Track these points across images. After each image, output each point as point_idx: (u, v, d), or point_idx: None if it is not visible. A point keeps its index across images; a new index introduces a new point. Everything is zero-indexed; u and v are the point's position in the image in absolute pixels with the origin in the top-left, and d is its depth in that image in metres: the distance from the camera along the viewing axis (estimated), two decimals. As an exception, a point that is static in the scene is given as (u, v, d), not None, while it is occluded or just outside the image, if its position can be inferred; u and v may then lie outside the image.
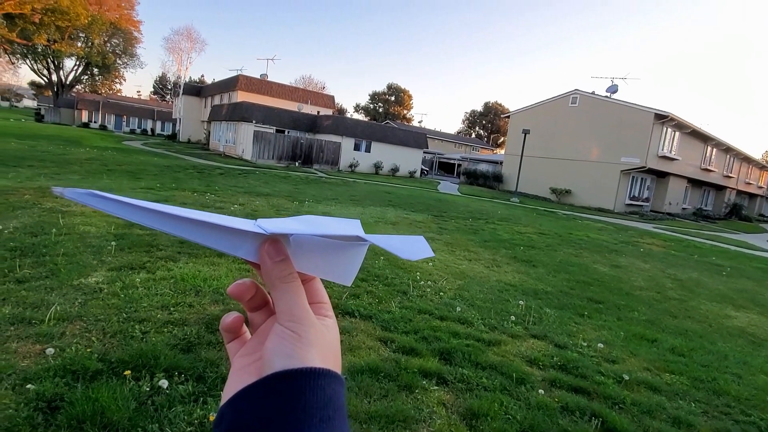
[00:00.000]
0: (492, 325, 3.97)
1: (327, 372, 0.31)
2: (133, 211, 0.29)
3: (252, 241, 0.33)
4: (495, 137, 74.83)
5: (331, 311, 0.38)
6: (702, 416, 2.80)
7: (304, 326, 0.32)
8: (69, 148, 17.66)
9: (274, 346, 0.31)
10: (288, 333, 0.32)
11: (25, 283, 3.27)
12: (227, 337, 0.38)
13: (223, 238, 0.32)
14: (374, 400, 2.39)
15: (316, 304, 0.37)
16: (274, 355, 0.31)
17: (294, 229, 0.33)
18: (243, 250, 0.33)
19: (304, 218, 0.37)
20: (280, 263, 0.33)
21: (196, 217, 0.30)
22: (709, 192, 32.81)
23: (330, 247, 0.35)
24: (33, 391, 2.00)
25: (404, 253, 0.32)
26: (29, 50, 38.37)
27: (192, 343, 2.73)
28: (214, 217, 0.31)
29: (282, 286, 0.33)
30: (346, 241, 0.36)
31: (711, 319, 5.41)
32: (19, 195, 6.69)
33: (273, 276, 0.33)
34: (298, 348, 0.31)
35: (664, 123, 22.77)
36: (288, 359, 0.30)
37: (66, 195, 0.28)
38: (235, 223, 0.31)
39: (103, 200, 0.29)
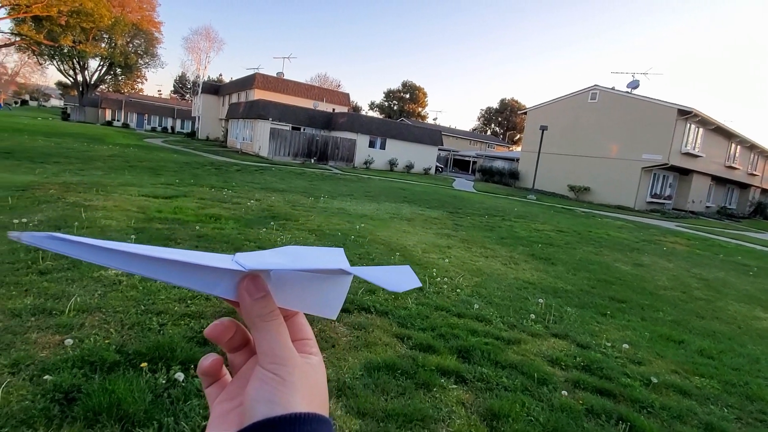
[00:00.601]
0: (511, 324, 3.87)
1: (313, 417, 0.29)
2: (99, 254, 0.27)
3: (230, 279, 0.31)
4: (511, 134, 73.79)
5: (316, 347, 0.36)
6: (735, 422, 2.66)
7: (287, 368, 0.30)
8: (93, 145, 18.11)
9: (256, 391, 0.29)
10: (270, 376, 0.30)
11: (47, 274, 3.32)
12: (206, 381, 0.35)
13: (199, 278, 0.30)
14: (391, 398, 2.33)
15: (300, 341, 0.34)
16: (255, 401, 0.29)
17: (274, 264, 0.32)
18: (220, 288, 0.31)
19: (284, 250, 0.36)
20: (261, 300, 0.31)
21: (169, 257, 0.28)
22: (734, 190, 31.69)
23: (313, 280, 0.34)
24: (50, 382, 2.01)
25: (390, 285, 0.31)
26: (56, 51, 39.49)
27: (208, 336, 2.71)
28: (188, 255, 0.29)
29: (263, 324, 0.31)
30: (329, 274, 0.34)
31: (740, 320, 5.18)
32: (45, 190, 6.86)
33: (253, 314, 0.31)
34: (281, 392, 0.29)
35: (688, 119, 22.04)
36: (271, 405, 0.28)
37: (23, 240, 0.26)
38: (212, 261, 0.30)
39: (64, 243, 0.27)
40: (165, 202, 7.29)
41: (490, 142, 57.92)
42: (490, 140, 59.26)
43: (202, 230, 5.50)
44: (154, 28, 45.68)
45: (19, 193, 6.34)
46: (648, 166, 22.58)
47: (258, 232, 5.85)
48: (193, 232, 5.36)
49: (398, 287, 0.32)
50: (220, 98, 40.46)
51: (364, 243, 6.18)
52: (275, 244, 5.37)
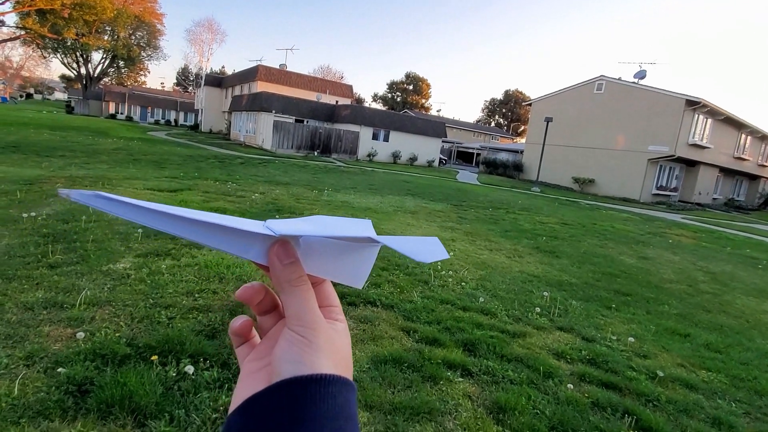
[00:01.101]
0: (516, 317, 3.88)
1: (338, 379, 0.30)
2: (139, 213, 0.28)
3: (261, 243, 0.32)
4: (515, 126, 73.26)
5: (342, 315, 0.37)
6: (744, 417, 2.66)
7: (314, 331, 0.31)
8: (97, 138, 18.16)
9: (283, 352, 0.30)
10: (297, 338, 0.31)
11: (57, 268, 3.36)
12: (236, 341, 0.37)
13: (232, 241, 0.30)
14: (398, 391, 2.35)
15: (326, 307, 0.36)
16: (283, 361, 0.30)
17: (304, 231, 0.32)
18: (252, 253, 0.32)
19: (313, 219, 0.36)
20: (290, 266, 0.32)
21: (205, 219, 0.29)
22: (742, 182, 31.38)
23: (341, 249, 0.34)
24: (64, 374, 2.04)
25: (418, 256, 0.31)
26: (59, 44, 39.48)
27: (216, 329, 2.74)
28: (222, 219, 0.30)
29: (291, 289, 0.32)
30: (357, 243, 0.34)
31: (748, 314, 5.16)
32: (52, 183, 6.90)
33: (282, 279, 0.32)
34: (308, 354, 0.30)
35: (696, 110, 21.76)
36: (297, 365, 0.29)
37: (72, 197, 0.28)
38: (244, 225, 0.30)
39: (109, 201, 0.28)
40: (170, 196, 7.33)
41: (494, 133, 57.54)
42: (494, 132, 58.87)
43: (208, 224, 5.52)
44: (156, 19, 45.50)
45: (27, 186, 6.39)
46: (654, 158, 22.37)
47: (263, 226, 5.87)
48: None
49: (425, 258, 0.32)
50: (223, 90, 40.36)
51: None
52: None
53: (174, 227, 0.29)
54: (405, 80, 74.01)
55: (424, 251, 0.32)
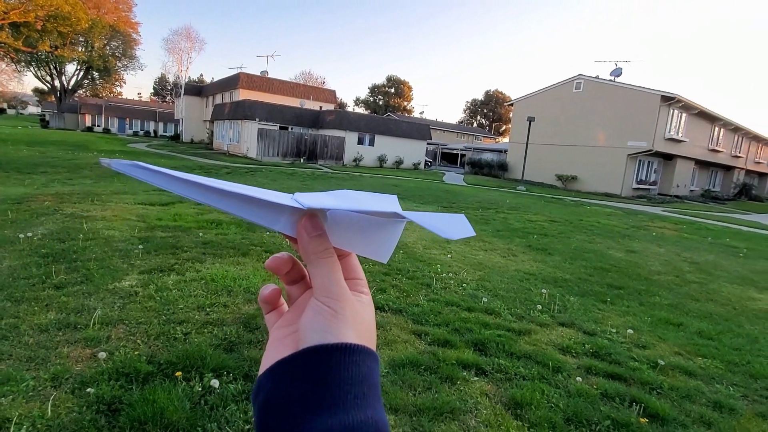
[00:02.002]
0: (519, 315, 4.00)
1: (362, 348, 0.30)
2: (175, 183, 0.29)
3: (289, 215, 0.33)
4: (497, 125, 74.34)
5: (367, 288, 0.37)
6: (742, 400, 2.82)
7: (339, 302, 0.32)
8: (77, 152, 17.78)
9: (310, 320, 0.31)
10: (324, 308, 0.31)
11: (63, 288, 3.33)
12: (265, 308, 0.38)
13: (262, 212, 0.32)
14: (419, 393, 2.43)
15: (352, 280, 0.36)
16: (309, 329, 0.31)
17: (331, 204, 0.33)
18: (281, 224, 0.33)
19: (340, 193, 0.37)
20: (317, 238, 0.33)
21: (237, 191, 0.30)
22: (717, 173, 32.52)
23: (367, 224, 0.35)
24: (93, 394, 2.06)
25: (445, 233, 0.31)
26: (33, 57, 38.45)
27: (233, 342, 2.77)
28: (253, 191, 0.31)
29: (318, 261, 0.33)
30: (383, 219, 0.35)
31: (734, 301, 5.40)
32: (39, 201, 6.77)
33: (309, 251, 0.33)
34: (334, 324, 0.31)
35: (671, 105, 22.52)
36: (323, 334, 0.30)
37: (113, 166, 0.29)
38: (274, 197, 0.31)
39: (147, 171, 0.29)
40: (163, 209, 7.26)
41: (477, 134, 58.26)
42: (477, 132, 59.62)
43: (206, 236, 5.51)
44: (131, 29, 44.69)
45: (15, 205, 6.26)
46: (633, 153, 23.04)
47: (261, 236, 5.88)
48: (197, 238, 5.37)
49: (452, 235, 0.31)
50: (204, 99, 39.90)
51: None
52: (281, 247, 5.42)
53: (208, 198, 0.30)
54: (386, 83, 74.39)
55: (451, 228, 0.32)
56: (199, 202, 0.30)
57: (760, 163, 37.54)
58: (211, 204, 0.30)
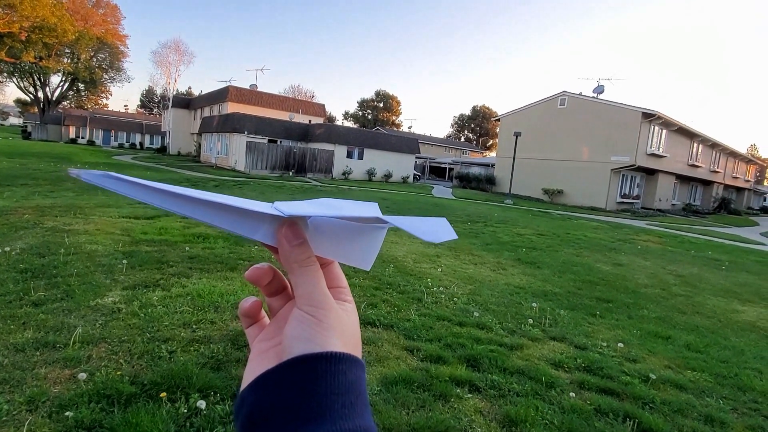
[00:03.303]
0: (510, 329, 3.99)
1: (348, 356, 0.30)
2: (149, 193, 0.28)
3: (269, 224, 0.32)
4: (484, 140, 75.49)
5: (350, 296, 0.37)
6: (732, 413, 2.83)
7: (323, 310, 0.31)
8: (60, 164, 17.41)
9: (294, 330, 0.31)
10: (307, 317, 0.31)
11: (41, 305, 3.21)
12: (246, 322, 0.37)
13: (241, 221, 0.31)
14: (413, 412, 2.38)
15: (334, 288, 0.36)
16: (293, 339, 0.30)
17: (312, 212, 0.32)
18: (260, 233, 0.32)
19: (321, 201, 0.36)
20: (298, 246, 0.32)
21: (214, 200, 0.29)
22: (697, 187, 33.41)
23: (349, 231, 0.34)
24: (71, 418, 1.96)
25: (427, 236, 0.31)
26: (16, 68, 37.87)
27: (221, 360, 2.69)
28: (232, 200, 0.30)
29: (300, 270, 0.32)
30: (365, 225, 0.34)
31: (719, 314, 5.48)
32: (19, 215, 6.58)
33: (291, 260, 0.32)
34: (318, 332, 0.30)
35: (652, 121, 23.20)
36: (308, 343, 0.30)
37: (82, 177, 0.28)
38: (253, 206, 0.30)
39: (119, 182, 0.28)
40: (148, 223, 7.11)
41: (464, 148, 59.04)
42: (464, 146, 60.41)
43: (192, 251, 5.40)
44: (119, 41, 44.49)
45: (-7, 219, 6.06)
46: (617, 168, 23.57)
47: (250, 250, 5.79)
48: (184, 253, 5.25)
49: (435, 238, 0.31)
50: (192, 112, 39.70)
51: (356, 256, 6.20)
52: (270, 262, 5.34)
53: (184, 208, 0.29)
54: (375, 98, 75.18)
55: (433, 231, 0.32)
56: (176, 213, 0.29)
57: (737, 178, 38.76)
58: (189, 214, 0.29)
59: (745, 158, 40.96)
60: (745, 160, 41.04)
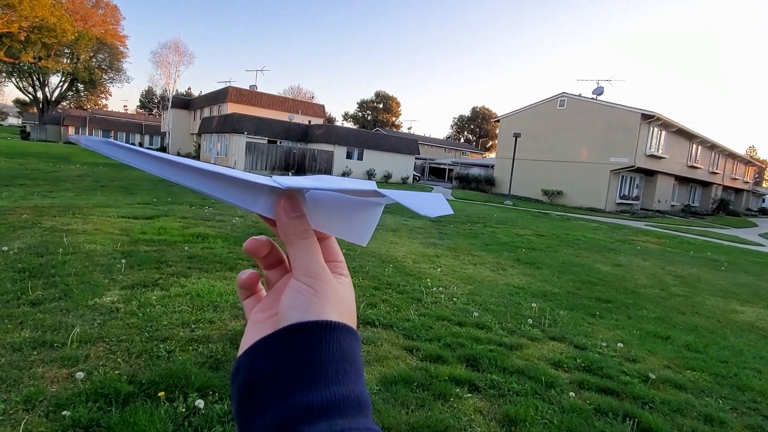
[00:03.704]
0: (510, 329, 3.98)
1: (343, 326, 0.30)
2: (147, 161, 0.28)
3: (268, 196, 0.32)
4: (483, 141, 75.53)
5: (347, 271, 0.37)
6: (732, 413, 2.83)
7: (320, 281, 0.32)
8: (59, 164, 17.40)
9: (291, 300, 0.31)
10: (304, 288, 0.31)
11: (39, 305, 3.19)
12: (243, 294, 0.38)
13: (240, 192, 0.31)
14: (412, 411, 2.37)
15: (331, 262, 0.36)
16: (290, 309, 0.31)
17: (310, 185, 0.33)
18: (259, 205, 0.32)
19: (319, 177, 0.37)
20: (296, 219, 0.33)
21: (213, 170, 0.29)
22: (696, 188, 33.46)
23: (346, 205, 0.35)
24: (69, 417, 1.95)
25: (423, 210, 0.31)
26: (15, 68, 37.82)
27: (219, 360, 2.68)
28: (230, 171, 0.30)
29: (298, 242, 0.32)
30: (362, 200, 0.35)
31: (718, 314, 5.48)
32: (17, 215, 6.56)
33: (289, 232, 0.32)
34: (315, 302, 0.31)
35: (651, 122, 23.23)
36: (304, 313, 0.30)
37: (81, 142, 0.28)
38: (252, 177, 0.31)
39: (117, 148, 0.28)
40: (147, 223, 7.09)
41: (464, 149, 59.09)
42: (464, 147, 60.46)
43: (192, 251, 5.39)
44: (118, 41, 44.48)
45: (-9, 219, 6.04)
46: (616, 169, 23.59)
47: (249, 250, 5.77)
48: (183, 253, 5.24)
49: (430, 212, 0.31)
50: (191, 112, 39.70)
51: (355, 256, 6.19)
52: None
53: (182, 177, 0.29)
54: (375, 99, 75.22)
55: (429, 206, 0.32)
56: (173, 181, 0.29)
57: (736, 180, 38.84)
58: (187, 183, 0.29)
59: (744, 159, 41.05)
60: (743, 162, 41.13)
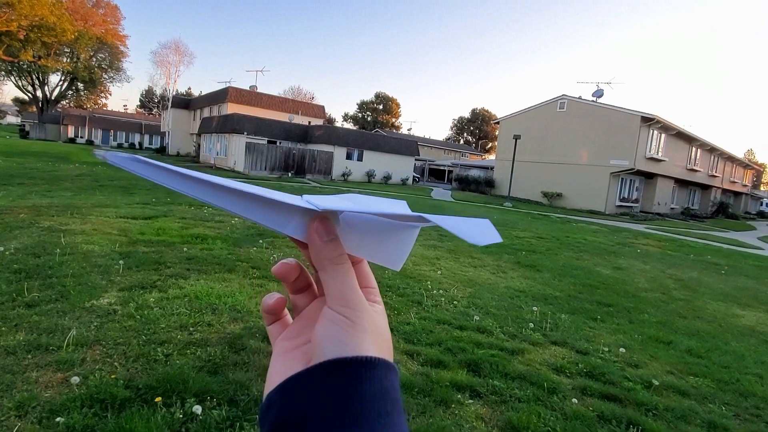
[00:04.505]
0: (511, 333, 3.94)
1: (382, 362, 0.29)
2: (176, 179, 0.27)
3: (300, 218, 0.31)
4: (483, 143, 75.54)
5: (380, 297, 0.35)
6: (735, 419, 2.80)
7: (357, 312, 0.30)
8: (58, 164, 17.34)
9: (327, 331, 0.29)
10: (340, 318, 0.29)
11: (35, 307, 3.15)
12: (268, 319, 0.36)
13: (272, 213, 0.29)
14: (413, 418, 2.33)
15: (365, 288, 0.34)
16: (325, 341, 0.29)
17: (344, 206, 0.31)
18: (291, 227, 0.30)
19: (349, 197, 0.35)
20: (330, 243, 0.31)
21: (244, 189, 0.28)
22: (696, 191, 33.48)
23: (381, 228, 0.32)
24: (62, 424, 1.91)
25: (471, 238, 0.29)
26: (14, 67, 37.75)
27: (218, 364, 2.64)
28: (261, 191, 0.29)
29: (333, 267, 0.30)
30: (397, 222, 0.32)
31: (720, 318, 5.45)
32: (14, 214, 6.51)
33: (323, 257, 0.30)
34: (352, 335, 0.29)
35: (651, 125, 23.24)
36: (341, 346, 0.28)
37: (108, 159, 0.27)
38: (284, 198, 0.29)
39: (146, 166, 0.27)
40: (146, 223, 7.06)
41: (463, 151, 59.08)
42: (463, 149, 60.45)
43: (191, 251, 5.35)
44: (119, 41, 44.40)
45: (-12, 219, 6.00)
46: (616, 171, 23.59)
47: (249, 251, 5.74)
48: (182, 254, 5.20)
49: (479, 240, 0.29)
50: (191, 112, 39.65)
51: (355, 258, 6.16)
52: (268, 262, 5.29)
53: (211, 196, 0.28)
54: (375, 100, 75.21)
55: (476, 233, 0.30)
56: (202, 200, 0.28)
57: (735, 183, 38.86)
58: (217, 203, 0.28)
59: (743, 163, 41.08)
60: (742, 165, 41.17)
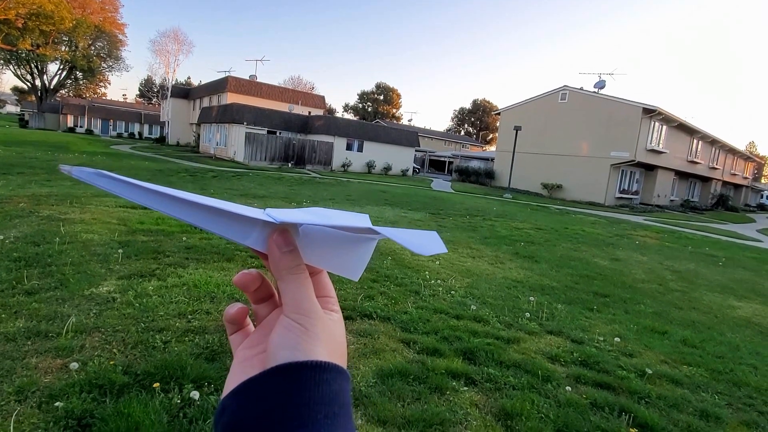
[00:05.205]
0: (507, 323, 3.98)
1: (333, 366, 0.30)
2: (142, 194, 0.28)
3: (261, 230, 0.32)
4: (484, 134, 75.22)
5: (338, 306, 0.37)
6: (727, 408, 2.83)
7: (311, 319, 0.31)
8: (57, 153, 17.31)
9: (280, 338, 0.30)
10: (294, 325, 0.31)
11: (34, 294, 3.18)
12: (230, 329, 0.37)
13: (233, 226, 0.31)
14: (408, 404, 2.36)
15: (322, 297, 0.36)
16: (279, 347, 0.30)
17: (304, 219, 0.32)
18: (251, 239, 0.32)
19: (312, 210, 0.37)
20: (289, 254, 0.32)
21: (206, 203, 0.29)
22: (696, 183, 33.42)
23: (339, 240, 0.34)
24: (62, 408, 1.94)
25: (417, 248, 0.31)
26: (12, 55, 37.42)
27: (215, 351, 2.67)
28: (223, 204, 0.30)
29: (290, 277, 0.32)
30: (355, 235, 0.34)
31: (715, 310, 5.48)
32: (14, 203, 6.52)
33: (281, 267, 0.32)
34: (304, 341, 0.30)
35: (652, 117, 23.10)
36: (293, 352, 0.29)
37: (73, 174, 0.27)
38: (245, 211, 0.31)
39: (112, 181, 0.28)
40: (145, 213, 7.06)
41: (464, 142, 58.83)
42: (464, 140, 60.20)
43: (190, 241, 5.37)
44: (117, 30, 43.93)
45: (-13, 207, 6.01)
46: (616, 163, 23.52)
47: (247, 241, 5.75)
48: (181, 243, 5.22)
49: (425, 251, 0.31)
50: (191, 102, 39.41)
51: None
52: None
53: (176, 210, 0.29)
54: (375, 90, 74.67)
55: (424, 244, 0.32)
56: (167, 214, 0.29)
57: (736, 175, 38.76)
58: (181, 217, 0.29)
59: (744, 155, 40.95)
60: (743, 157, 41.03)
